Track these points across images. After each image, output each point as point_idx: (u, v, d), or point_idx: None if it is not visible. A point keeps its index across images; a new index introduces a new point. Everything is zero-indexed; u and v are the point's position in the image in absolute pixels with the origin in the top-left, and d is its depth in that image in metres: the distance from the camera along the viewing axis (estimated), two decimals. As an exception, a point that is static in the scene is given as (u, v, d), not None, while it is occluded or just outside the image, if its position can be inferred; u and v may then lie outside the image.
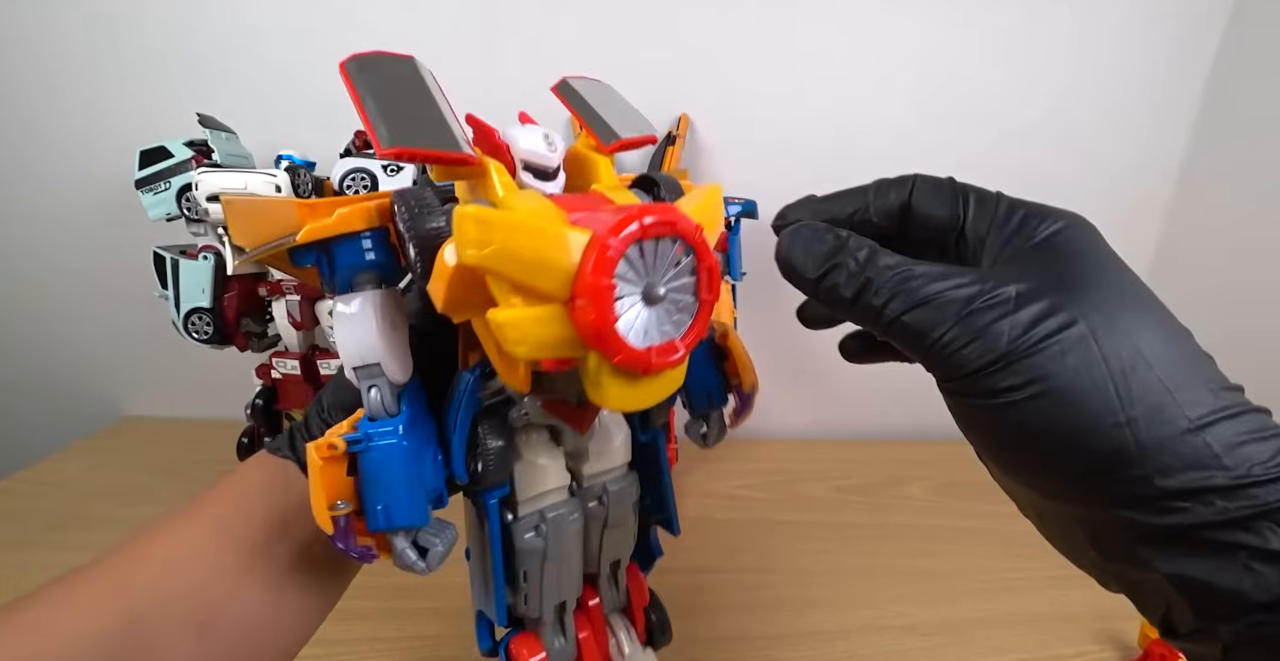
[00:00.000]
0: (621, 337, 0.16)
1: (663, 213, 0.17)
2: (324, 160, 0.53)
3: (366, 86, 0.20)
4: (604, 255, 0.16)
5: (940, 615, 0.45)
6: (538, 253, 0.16)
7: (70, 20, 0.57)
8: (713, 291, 0.18)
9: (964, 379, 0.17)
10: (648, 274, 0.17)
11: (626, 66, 0.59)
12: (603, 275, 0.16)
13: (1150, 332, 0.16)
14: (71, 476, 0.58)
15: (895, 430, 0.73)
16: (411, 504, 0.20)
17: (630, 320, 0.17)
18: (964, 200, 0.20)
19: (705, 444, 0.28)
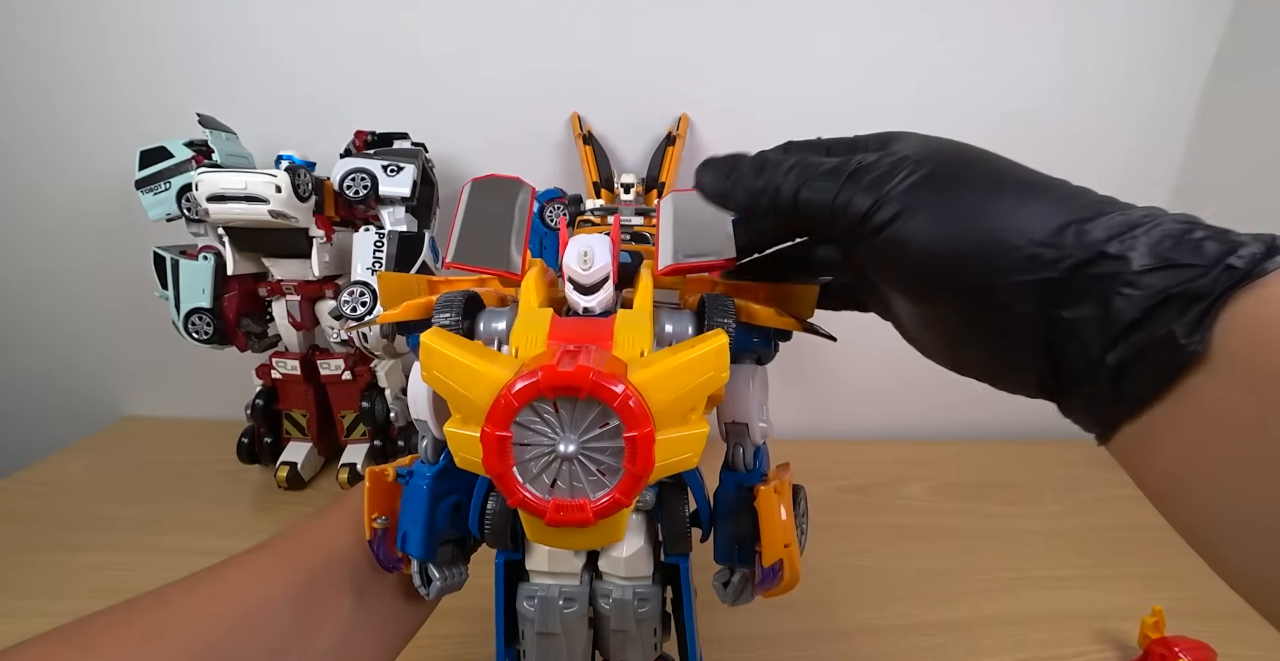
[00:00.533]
0: (518, 483, 0.17)
1: (574, 376, 0.16)
2: (324, 160, 0.53)
3: (469, 206, 0.25)
4: (499, 405, 0.16)
5: (940, 615, 0.45)
6: (461, 387, 0.17)
7: (71, 20, 0.57)
8: (638, 464, 0.17)
9: (860, 225, 0.19)
10: (565, 429, 0.17)
11: (627, 66, 0.59)
12: (497, 426, 0.17)
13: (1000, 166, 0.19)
14: (71, 476, 0.58)
15: (895, 430, 0.73)
16: (422, 539, 0.24)
17: (536, 468, 0.17)
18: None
19: (724, 596, 0.25)
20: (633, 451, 0.17)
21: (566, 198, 0.54)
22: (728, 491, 0.25)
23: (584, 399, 0.17)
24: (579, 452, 0.17)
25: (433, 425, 0.24)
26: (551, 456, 0.17)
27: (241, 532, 0.51)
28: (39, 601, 0.43)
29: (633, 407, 0.17)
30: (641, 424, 0.17)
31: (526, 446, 0.17)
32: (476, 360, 0.17)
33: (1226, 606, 0.49)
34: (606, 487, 0.17)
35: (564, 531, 0.18)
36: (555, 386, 0.16)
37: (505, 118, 0.60)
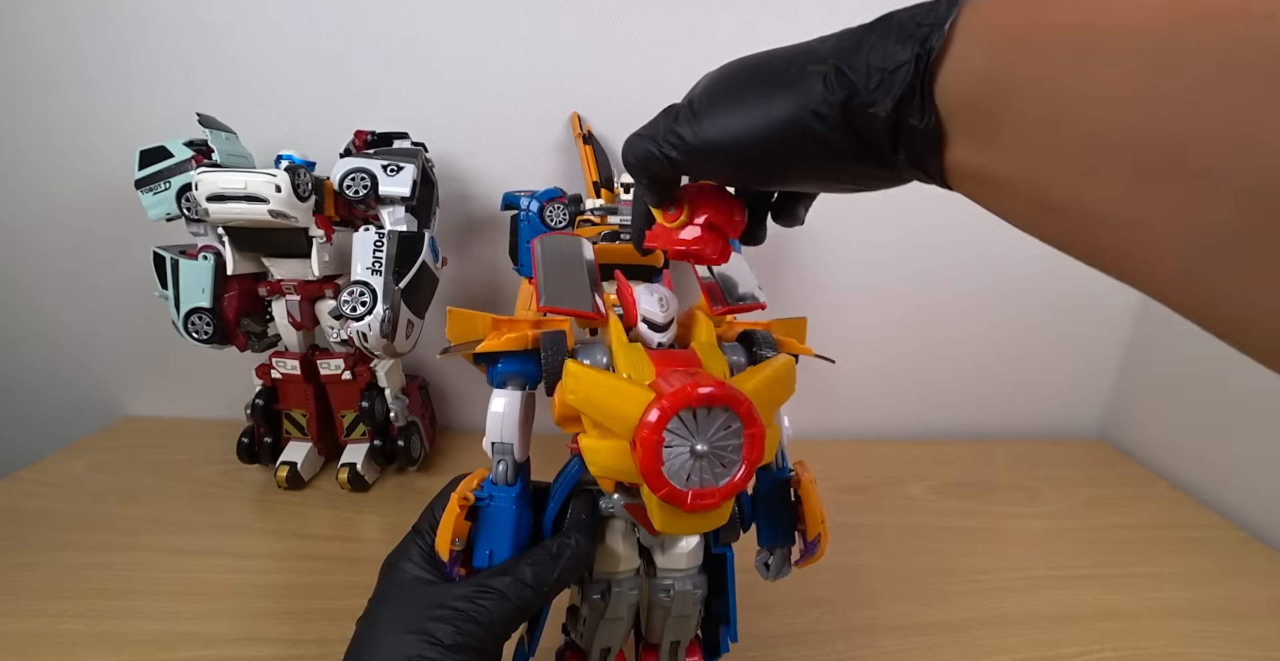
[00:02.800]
0: (665, 478, 0.21)
1: (716, 390, 0.21)
2: (324, 160, 0.53)
3: (545, 259, 0.29)
4: (658, 418, 0.21)
5: (940, 615, 0.45)
6: (610, 406, 0.22)
7: (71, 20, 0.57)
8: (753, 454, 0.22)
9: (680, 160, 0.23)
10: (697, 433, 0.22)
11: (627, 66, 0.59)
12: (653, 432, 0.21)
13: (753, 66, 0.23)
14: (72, 476, 0.58)
15: (895, 430, 0.73)
16: (509, 553, 0.27)
17: (676, 465, 0.22)
18: None
19: (767, 574, 0.31)
20: (750, 445, 0.22)
21: (566, 197, 0.54)
22: (766, 487, 0.30)
23: (717, 407, 0.21)
24: (710, 450, 0.22)
25: (518, 448, 0.28)
26: (686, 455, 0.22)
27: (241, 532, 0.51)
28: (39, 601, 0.43)
29: (753, 413, 0.22)
30: (757, 423, 0.22)
31: (670, 449, 0.21)
32: (621, 383, 0.23)
33: (1226, 606, 0.49)
34: (728, 476, 0.22)
35: (689, 518, 0.23)
36: (700, 398, 0.21)
37: (505, 117, 0.60)
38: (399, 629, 0.25)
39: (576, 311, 0.27)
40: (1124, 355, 0.74)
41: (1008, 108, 0.16)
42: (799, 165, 0.21)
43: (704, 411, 0.21)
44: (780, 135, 0.20)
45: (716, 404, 0.21)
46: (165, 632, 0.41)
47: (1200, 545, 0.55)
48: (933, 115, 0.17)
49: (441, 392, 0.70)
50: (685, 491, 0.21)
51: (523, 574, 0.25)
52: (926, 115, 0.17)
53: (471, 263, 0.65)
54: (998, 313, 0.70)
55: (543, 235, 0.29)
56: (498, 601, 0.25)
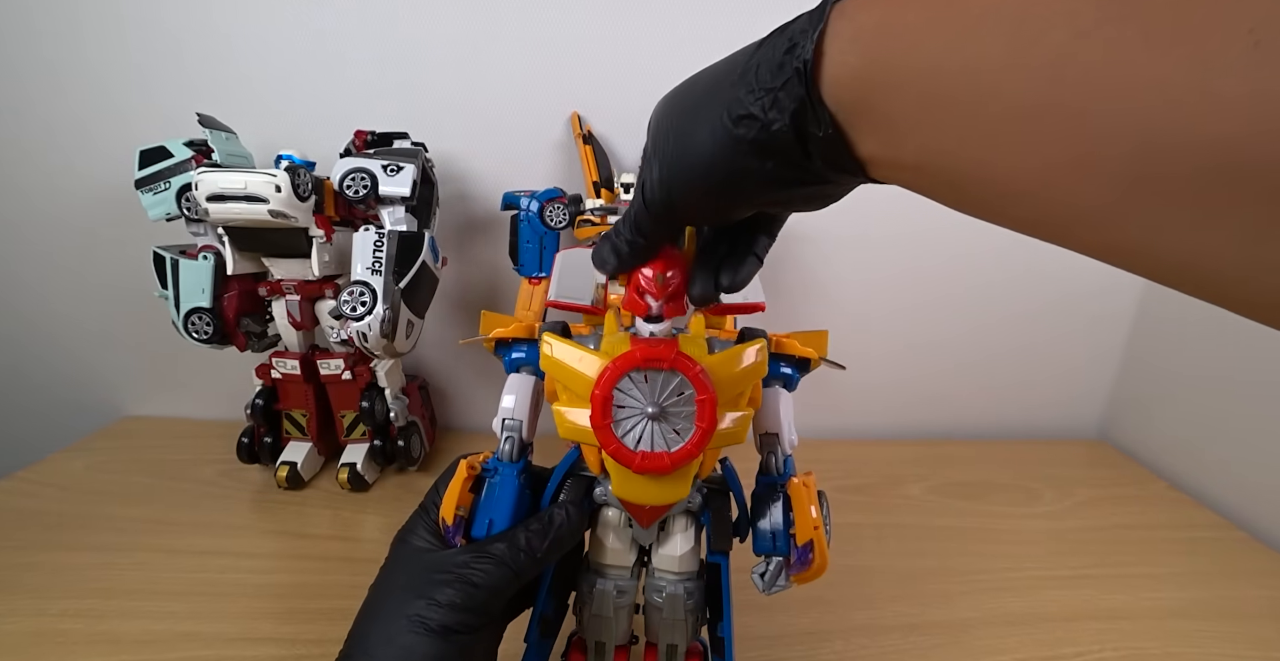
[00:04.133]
0: (613, 435, 0.23)
1: (662, 352, 0.23)
2: (324, 160, 0.53)
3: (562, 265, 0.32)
4: (606, 375, 0.23)
5: (940, 615, 0.45)
6: (573, 369, 0.24)
7: (71, 20, 0.57)
8: (705, 421, 0.23)
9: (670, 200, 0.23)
10: (651, 395, 0.23)
11: (627, 65, 0.59)
12: (602, 390, 0.23)
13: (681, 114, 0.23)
14: (72, 476, 0.58)
15: (895, 430, 0.73)
16: (507, 523, 0.29)
17: (629, 426, 0.23)
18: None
19: (761, 586, 0.29)
20: (702, 411, 0.23)
21: (566, 197, 0.54)
22: (762, 492, 0.31)
23: (667, 369, 0.22)
24: (661, 413, 0.23)
25: (526, 427, 0.30)
26: (640, 417, 0.23)
27: (241, 532, 0.51)
28: (39, 601, 0.43)
29: (702, 378, 0.23)
30: (708, 390, 0.23)
31: (622, 408, 0.23)
32: (584, 350, 0.24)
33: (1226, 606, 0.49)
34: (681, 442, 0.23)
35: (644, 483, 0.24)
36: (647, 358, 0.22)
37: (505, 117, 0.60)
38: (402, 590, 0.26)
39: (577, 305, 0.29)
40: (1124, 355, 0.74)
41: (894, 99, 0.16)
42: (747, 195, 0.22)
43: (656, 376, 0.23)
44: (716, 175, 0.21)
45: (663, 365, 0.22)
46: (165, 632, 0.41)
47: (1200, 545, 0.55)
48: (828, 120, 0.18)
49: (441, 392, 0.70)
50: (635, 453, 0.23)
51: (517, 540, 0.27)
52: (823, 122, 0.18)
53: (471, 263, 0.65)
54: (997, 312, 0.70)
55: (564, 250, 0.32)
56: (495, 565, 0.26)
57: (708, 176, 0.21)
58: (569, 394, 0.24)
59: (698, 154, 0.21)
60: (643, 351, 0.22)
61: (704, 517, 0.30)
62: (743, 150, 0.20)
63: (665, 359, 0.22)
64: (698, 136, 0.21)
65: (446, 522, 0.28)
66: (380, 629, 0.25)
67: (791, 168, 0.20)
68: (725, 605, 0.31)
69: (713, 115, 0.20)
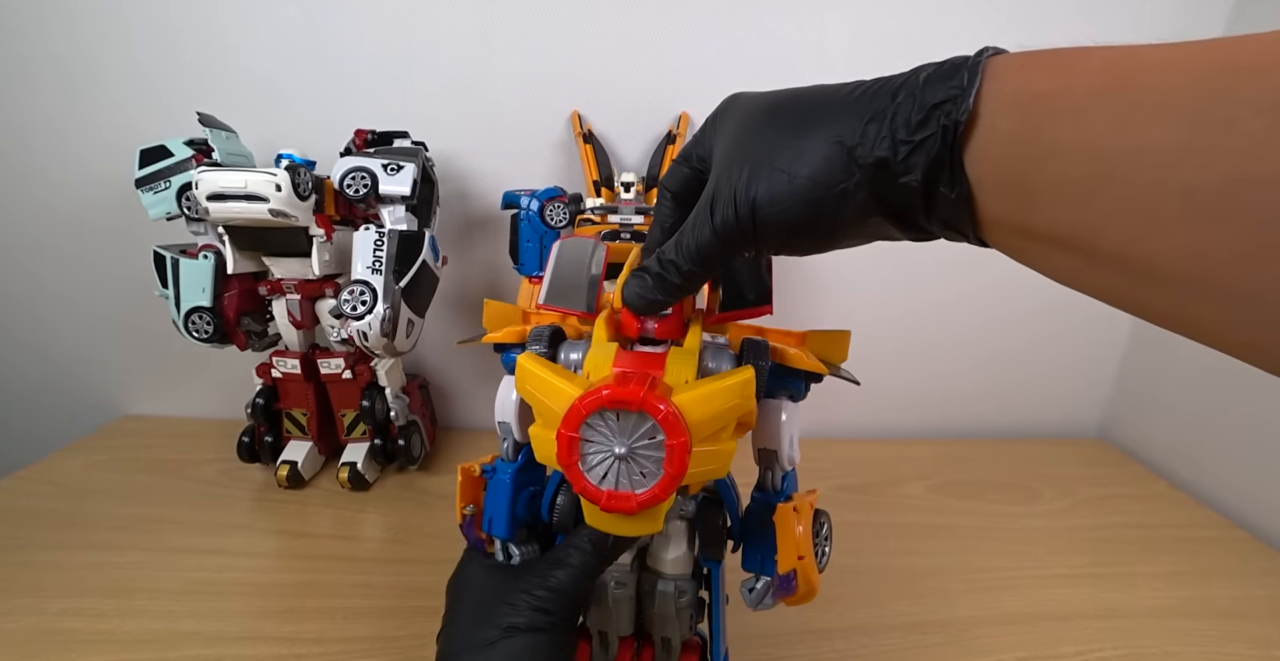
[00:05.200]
0: (581, 474, 0.22)
1: (630, 393, 0.21)
2: (324, 159, 0.53)
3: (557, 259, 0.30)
4: (572, 414, 0.22)
5: (940, 614, 0.45)
6: (544, 400, 0.23)
7: (71, 19, 0.57)
8: (674, 467, 0.21)
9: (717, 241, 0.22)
10: (617, 436, 0.22)
11: (627, 64, 0.59)
12: (567, 428, 0.22)
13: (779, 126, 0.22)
14: (72, 475, 0.58)
15: (895, 430, 0.73)
16: (505, 522, 0.30)
17: (596, 463, 0.22)
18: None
19: (748, 600, 0.29)
20: (670, 456, 0.21)
21: (566, 196, 0.54)
22: (755, 509, 0.30)
23: (636, 412, 0.21)
24: (629, 454, 0.22)
25: (515, 429, 0.30)
26: (608, 455, 0.22)
27: (242, 531, 0.51)
28: (39, 600, 0.43)
29: (672, 421, 0.21)
30: (679, 435, 0.21)
31: (590, 443, 0.22)
32: (557, 379, 0.23)
33: (1226, 606, 0.49)
34: (647, 485, 0.22)
35: (614, 518, 0.23)
36: (614, 400, 0.21)
37: (505, 116, 0.60)
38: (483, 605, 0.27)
39: (569, 310, 0.28)
40: (1124, 355, 0.74)
41: (1044, 172, 0.16)
42: (842, 231, 0.21)
43: (626, 415, 0.21)
44: (821, 209, 0.20)
45: (628, 408, 0.21)
46: (165, 632, 0.41)
47: (1200, 545, 0.55)
48: (964, 183, 0.17)
49: (442, 392, 0.70)
50: (601, 491, 0.22)
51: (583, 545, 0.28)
52: (958, 184, 0.17)
53: (471, 262, 0.65)
54: (998, 312, 0.70)
55: (564, 238, 0.30)
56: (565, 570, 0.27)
57: (811, 206, 0.20)
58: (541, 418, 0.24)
59: (804, 182, 0.20)
60: (611, 393, 0.21)
61: (697, 525, 0.30)
62: (859, 192, 0.19)
63: (633, 402, 0.21)
64: (804, 164, 0.20)
65: (458, 520, 0.30)
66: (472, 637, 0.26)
67: (901, 217, 0.19)
68: (715, 611, 0.31)
69: (828, 145, 0.19)
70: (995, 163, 0.17)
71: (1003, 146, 0.16)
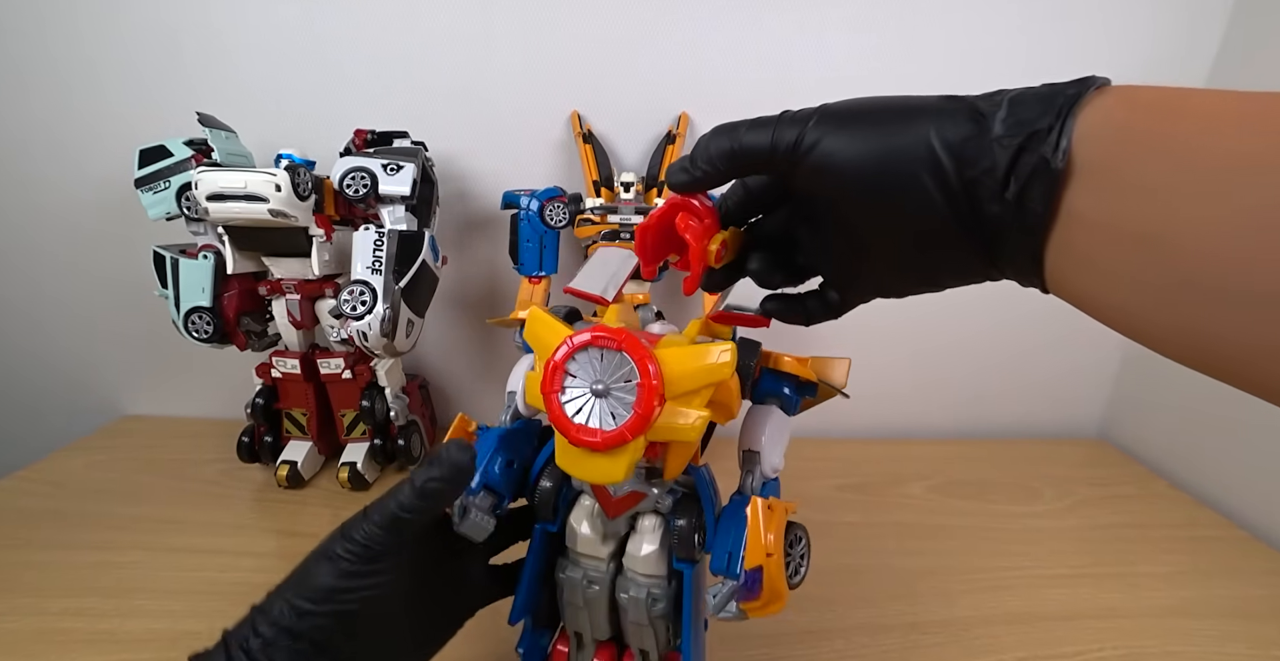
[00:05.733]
0: (558, 402, 0.24)
1: (614, 334, 0.23)
2: (324, 159, 0.53)
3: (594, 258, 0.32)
4: (561, 348, 0.24)
5: (940, 614, 0.45)
6: (543, 339, 0.26)
7: (71, 19, 0.57)
8: (643, 406, 0.23)
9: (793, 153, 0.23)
10: (598, 374, 0.24)
11: (627, 64, 0.59)
12: (556, 358, 0.24)
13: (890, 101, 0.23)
14: (72, 475, 0.58)
15: (895, 430, 0.73)
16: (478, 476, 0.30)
17: (575, 398, 0.24)
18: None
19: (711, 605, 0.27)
20: (641, 395, 0.23)
21: (566, 196, 0.54)
22: (729, 509, 0.29)
23: (617, 352, 0.23)
24: (606, 391, 0.24)
25: (520, 399, 0.33)
26: (586, 391, 0.24)
27: (242, 531, 0.51)
28: (39, 600, 0.43)
29: (648, 364, 0.23)
30: (652, 378, 0.23)
31: (573, 377, 0.24)
32: (560, 324, 0.26)
33: (1226, 606, 0.49)
34: (615, 424, 0.23)
35: (579, 456, 0.24)
36: (599, 336, 0.23)
37: (505, 116, 0.60)
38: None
39: (590, 295, 0.29)
40: (1124, 355, 0.74)
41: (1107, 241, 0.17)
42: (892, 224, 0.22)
43: (609, 357, 0.24)
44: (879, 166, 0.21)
45: (611, 346, 0.23)
46: (165, 631, 0.41)
47: (1200, 545, 0.55)
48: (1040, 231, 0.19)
49: (441, 392, 0.70)
50: (573, 424, 0.23)
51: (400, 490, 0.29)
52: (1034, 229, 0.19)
53: (471, 262, 0.65)
54: (998, 312, 0.70)
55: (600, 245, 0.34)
56: (380, 505, 0.29)
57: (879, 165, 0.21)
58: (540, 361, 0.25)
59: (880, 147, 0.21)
60: (597, 329, 0.23)
61: (671, 522, 0.29)
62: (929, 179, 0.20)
63: (616, 339, 0.23)
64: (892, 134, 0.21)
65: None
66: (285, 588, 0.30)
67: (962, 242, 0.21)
68: (686, 614, 0.30)
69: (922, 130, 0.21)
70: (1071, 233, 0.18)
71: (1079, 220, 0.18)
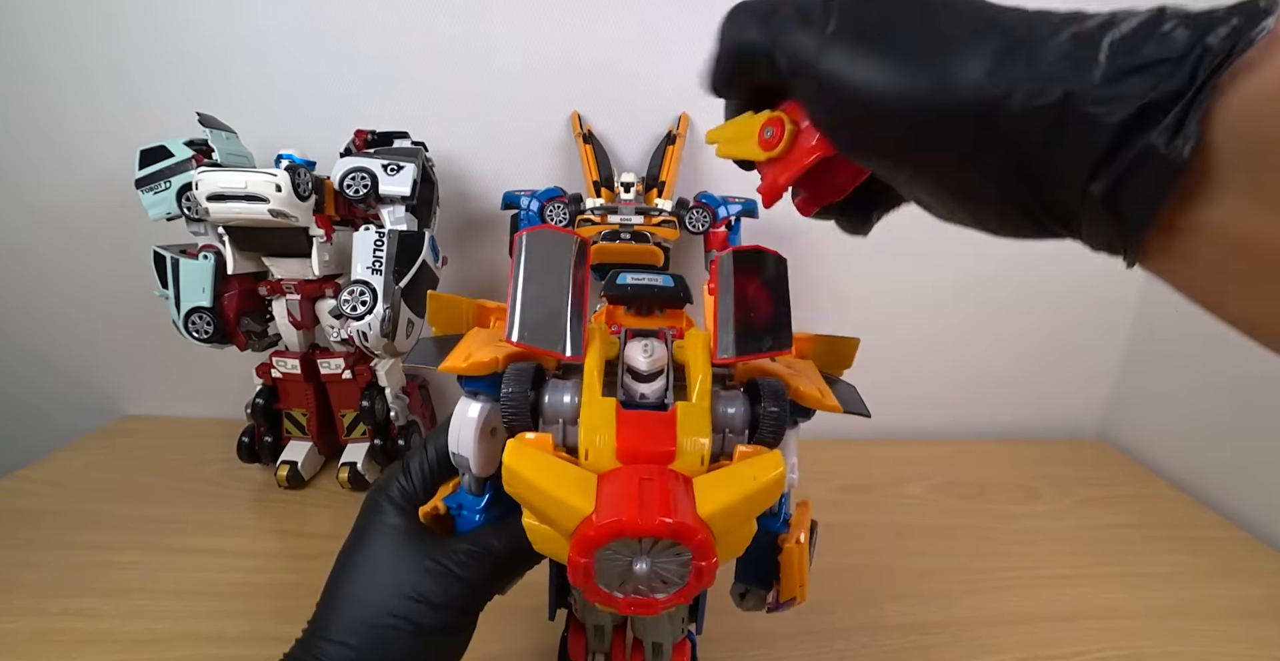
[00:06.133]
0: (599, 588, 0.19)
1: (655, 528, 0.18)
2: (324, 160, 0.53)
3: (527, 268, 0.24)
4: (586, 543, 0.18)
5: (940, 615, 0.45)
6: (546, 512, 0.20)
7: (71, 19, 0.57)
8: (702, 581, 0.19)
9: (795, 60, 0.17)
10: (637, 553, 0.19)
11: (627, 65, 0.59)
12: (581, 555, 0.19)
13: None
14: (72, 475, 0.58)
15: (895, 430, 0.73)
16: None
17: (611, 573, 0.19)
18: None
19: (739, 604, 0.30)
20: (698, 575, 0.19)
21: (566, 197, 0.54)
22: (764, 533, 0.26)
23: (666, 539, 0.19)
24: (650, 571, 0.19)
25: (474, 463, 0.26)
26: (625, 568, 0.19)
27: (242, 532, 0.51)
28: (39, 600, 0.43)
29: (702, 544, 0.19)
30: (708, 556, 0.19)
31: (609, 552, 0.19)
32: (558, 489, 0.19)
33: (1227, 606, 0.49)
34: (668, 592, 0.20)
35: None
36: (641, 534, 0.18)
37: (505, 116, 0.60)
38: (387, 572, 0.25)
39: (550, 353, 0.23)
40: (1124, 355, 0.74)
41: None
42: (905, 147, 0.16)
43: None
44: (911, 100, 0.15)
45: (660, 536, 0.18)
46: (165, 632, 0.41)
47: (1200, 545, 0.55)
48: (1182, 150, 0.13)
49: (442, 392, 0.70)
50: (620, 599, 0.20)
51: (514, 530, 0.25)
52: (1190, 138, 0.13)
53: (471, 262, 0.65)
54: (998, 312, 0.70)
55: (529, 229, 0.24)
56: (486, 560, 0.25)
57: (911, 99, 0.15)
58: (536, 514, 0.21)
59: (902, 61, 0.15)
60: (630, 524, 0.18)
61: None
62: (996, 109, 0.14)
63: (660, 534, 0.18)
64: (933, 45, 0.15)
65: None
66: (359, 615, 0.24)
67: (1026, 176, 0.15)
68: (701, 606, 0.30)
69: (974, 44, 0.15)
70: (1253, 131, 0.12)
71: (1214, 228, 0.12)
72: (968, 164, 0.15)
